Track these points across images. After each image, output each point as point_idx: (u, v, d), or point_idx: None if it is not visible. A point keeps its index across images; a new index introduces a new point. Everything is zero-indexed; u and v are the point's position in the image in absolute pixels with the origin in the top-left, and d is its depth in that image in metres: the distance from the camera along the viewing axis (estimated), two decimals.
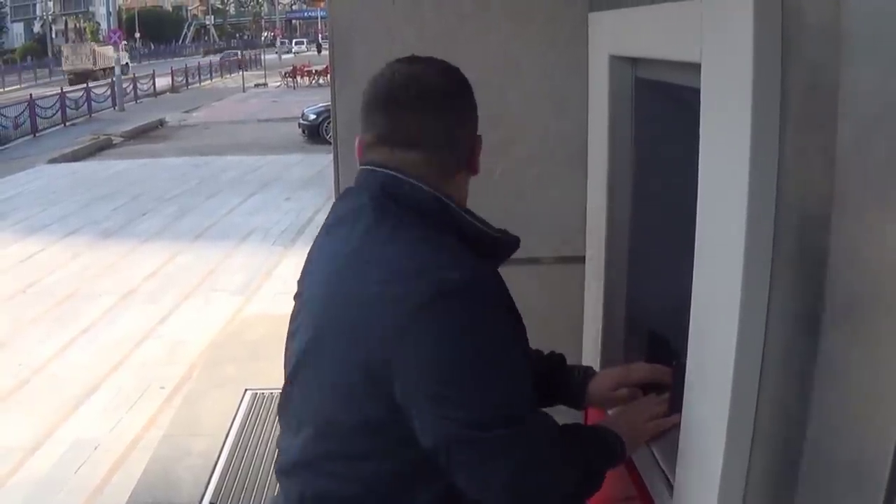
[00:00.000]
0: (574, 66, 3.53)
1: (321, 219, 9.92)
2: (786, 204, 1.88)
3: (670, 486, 2.47)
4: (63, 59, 74.16)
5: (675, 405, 2.41)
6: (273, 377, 8.26)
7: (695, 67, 2.18)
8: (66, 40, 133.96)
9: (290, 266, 12.88)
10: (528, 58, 3.65)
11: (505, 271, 2.29)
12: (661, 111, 2.86)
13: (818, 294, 1.78)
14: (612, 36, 3.13)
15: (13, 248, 15.42)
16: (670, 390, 2.52)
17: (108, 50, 70.74)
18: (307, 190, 18.81)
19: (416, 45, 3.77)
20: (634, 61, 3.00)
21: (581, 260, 3.55)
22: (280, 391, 2.49)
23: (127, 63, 74.67)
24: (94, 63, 71.09)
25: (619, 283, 3.19)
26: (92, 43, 78.88)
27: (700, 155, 2.15)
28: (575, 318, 3.58)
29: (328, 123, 26.42)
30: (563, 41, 3.58)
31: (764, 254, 1.91)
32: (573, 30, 3.51)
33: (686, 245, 2.24)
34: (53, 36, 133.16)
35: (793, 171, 1.85)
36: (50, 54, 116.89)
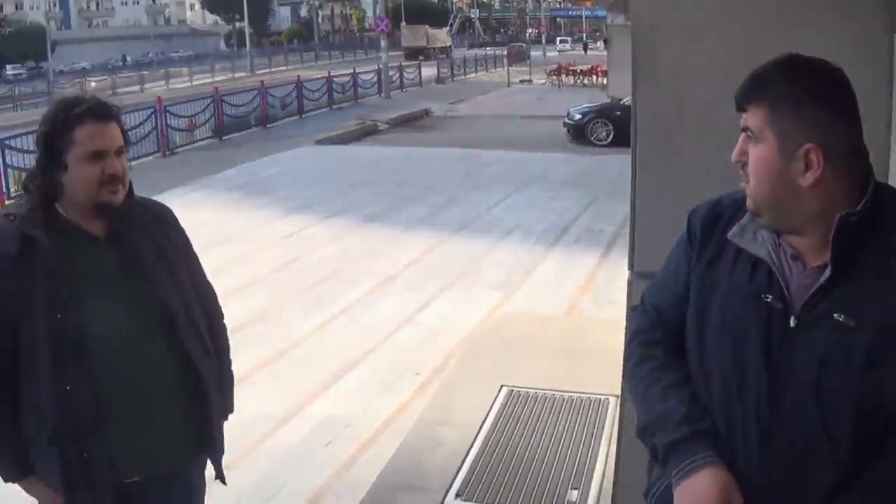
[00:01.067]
0: (878, 79, 3.39)
1: (584, 221, 9.88)
2: None
3: None
4: (402, 38, 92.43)
5: None
6: (531, 376, 8.23)
7: None
8: (332, 26, 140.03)
9: (550, 266, 12.80)
10: None
11: None
12: None
13: None
14: None
15: (277, 224, 15.84)
16: None
17: (439, 33, 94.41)
18: (571, 190, 18.57)
19: (718, 49, 3.68)
20: None
21: None
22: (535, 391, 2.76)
23: (450, 46, 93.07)
24: (427, 42, 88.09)
25: None
26: (426, 26, 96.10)
27: None
28: None
29: (593, 124, 26.55)
30: (867, 61, 3.42)
31: None
32: (877, 49, 3.44)
33: None
34: (319, 21, 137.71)
35: None
36: (316, 38, 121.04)
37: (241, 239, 14.64)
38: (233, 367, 3.97)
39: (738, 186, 2.52)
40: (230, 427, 3.93)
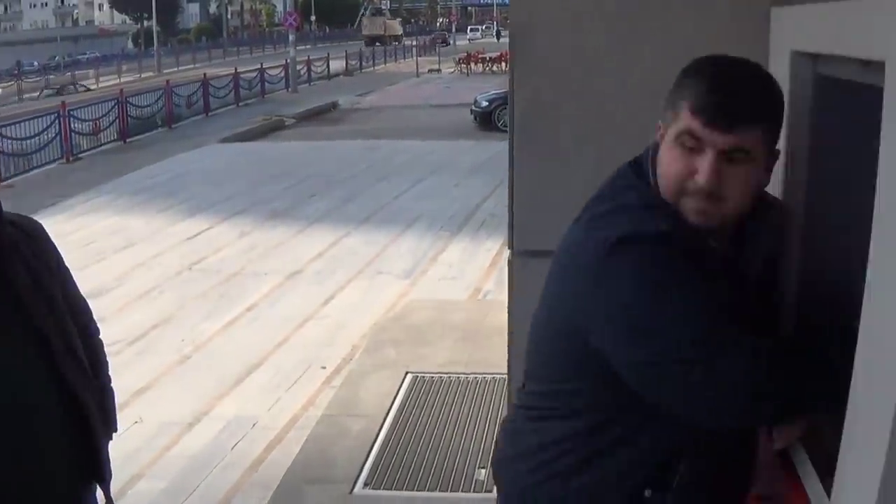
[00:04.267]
0: (755, 55, 3.46)
1: (488, 206, 10.04)
2: None
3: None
4: (363, 27, 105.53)
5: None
6: (435, 361, 8.36)
7: (879, 66, 2.06)
8: (241, 22, 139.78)
9: (456, 252, 12.95)
10: (711, 52, 3.59)
11: None
12: (842, 109, 2.75)
13: None
14: (794, 31, 3.03)
15: (181, 226, 15.75)
16: None
17: (394, 23, 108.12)
18: (476, 177, 18.72)
19: (601, 37, 3.77)
20: (815, 57, 2.88)
21: None
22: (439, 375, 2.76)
23: (402, 34, 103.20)
24: (384, 31, 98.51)
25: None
26: (385, 17, 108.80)
27: (880, 156, 2.02)
28: None
29: (500, 111, 26.69)
30: (746, 36, 3.48)
31: None
32: (755, 24, 3.42)
33: (863, 247, 2.12)
34: (229, 17, 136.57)
35: None
36: (225, 35, 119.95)
37: (145, 243, 14.47)
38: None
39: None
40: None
